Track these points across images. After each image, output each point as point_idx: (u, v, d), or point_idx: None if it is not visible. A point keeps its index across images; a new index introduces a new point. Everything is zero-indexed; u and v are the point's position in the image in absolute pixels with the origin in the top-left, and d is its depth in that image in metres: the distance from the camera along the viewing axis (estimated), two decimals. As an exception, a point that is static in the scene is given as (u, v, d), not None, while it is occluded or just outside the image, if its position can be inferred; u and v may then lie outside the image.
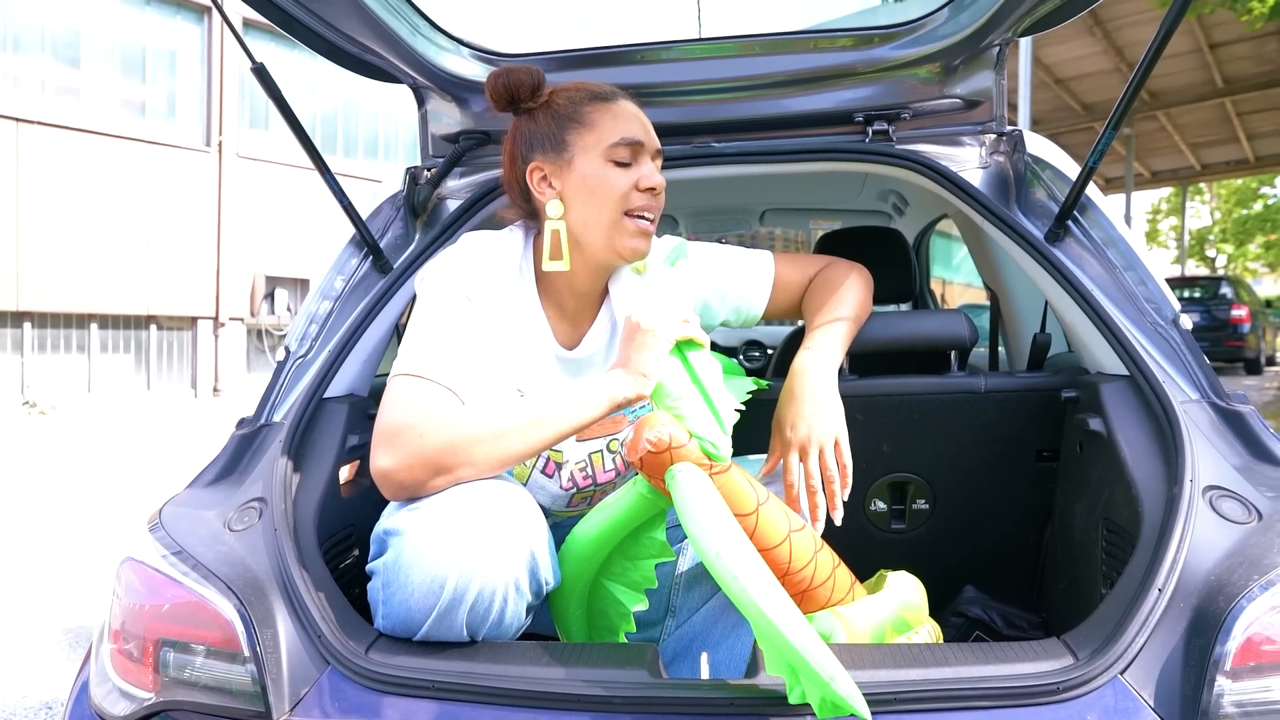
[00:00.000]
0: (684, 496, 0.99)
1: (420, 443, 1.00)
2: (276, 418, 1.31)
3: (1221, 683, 0.84)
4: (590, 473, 1.27)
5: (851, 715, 0.82)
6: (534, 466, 1.23)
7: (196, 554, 1.06)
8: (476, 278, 1.16)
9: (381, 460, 1.01)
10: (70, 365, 11.23)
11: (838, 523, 1.21)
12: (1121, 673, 0.87)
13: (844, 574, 1.14)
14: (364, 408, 1.42)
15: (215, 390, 12.51)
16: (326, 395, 1.35)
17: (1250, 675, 0.84)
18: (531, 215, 1.25)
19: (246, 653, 0.97)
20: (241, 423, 1.35)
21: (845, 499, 1.21)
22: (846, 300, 1.36)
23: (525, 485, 1.23)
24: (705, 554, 0.91)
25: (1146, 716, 0.84)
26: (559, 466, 1.24)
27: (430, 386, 1.06)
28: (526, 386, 1.22)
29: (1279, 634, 0.86)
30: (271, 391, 1.36)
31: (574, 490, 1.27)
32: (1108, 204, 1.40)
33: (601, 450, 1.28)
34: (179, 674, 1.00)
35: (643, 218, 1.20)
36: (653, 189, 1.20)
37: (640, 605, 1.12)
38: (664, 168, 1.61)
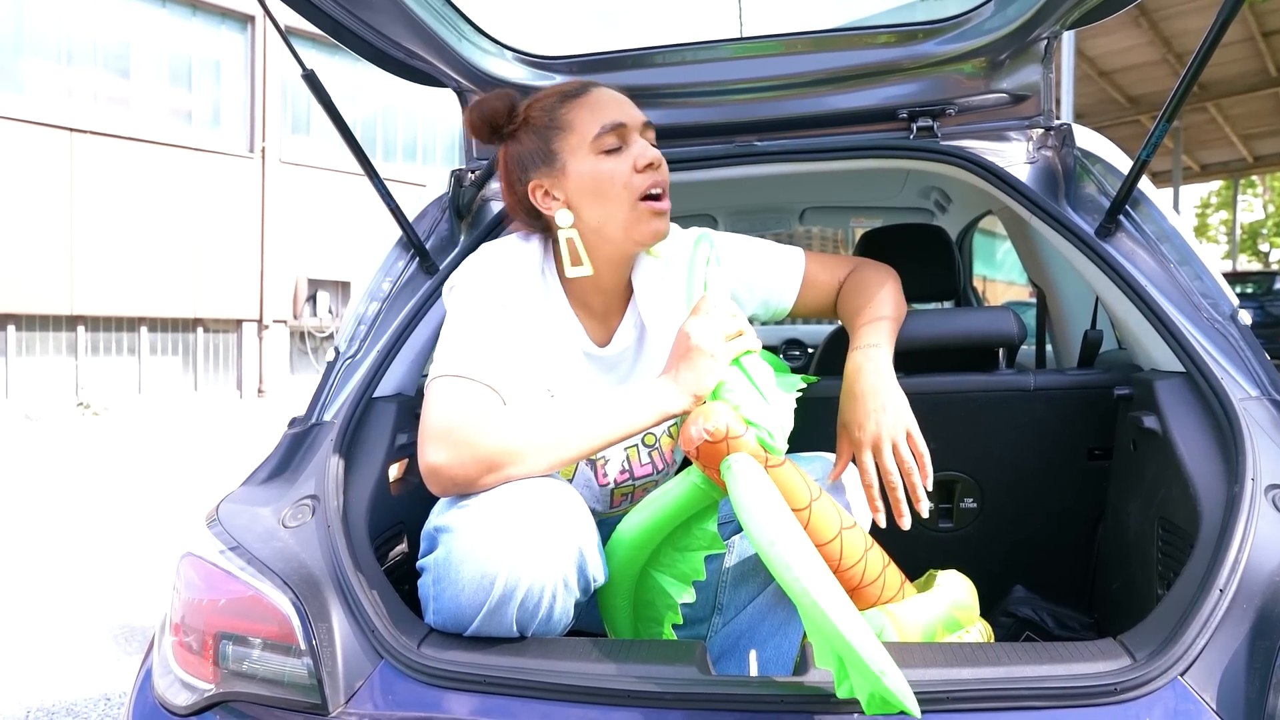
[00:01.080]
0: (739, 486, 0.98)
1: (473, 440, 1.01)
2: (327, 417, 1.34)
3: (1288, 687, 0.82)
4: (628, 467, 1.28)
5: (901, 713, 0.82)
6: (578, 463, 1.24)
7: (253, 549, 1.09)
8: (505, 282, 1.18)
9: (432, 456, 1.02)
10: (121, 367, 11.55)
11: (924, 515, 1.16)
12: (1182, 674, 0.85)
13: (894, 573, 1.14)
14: (412, 407, 1.45)
15: (260, 391, 12.77)
16: (375, 395, 1.37)
17: None
18: (546, 230, 1.27)
19: (303, 646, 0.99)
20: (293, 422, 1.38)
21: (929, 488, 1.16)
22: (886, 300, 1.34)
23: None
24: (760, 543, 0.91)
25: (1208, 719, 0.83)
26: (594, 464, 1.25)
27: (473, 385, 1.08)
28: (558, 386, 1.23)
29: (1348, 637, 0.83)
30: (322, 391, 1.39)
31: (612, 486, 1.28)
32: (1160, 197, 1.37)
33: (637, 445, 1.29)
34: (238, 666, 1.02)
35: (653, 197, 1.19)
36: (651, 164, 1.18)
37: (688, 597, 1.12)
38: (704, 167, 1.62)
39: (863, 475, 1.19)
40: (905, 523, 1.13)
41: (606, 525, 1.42)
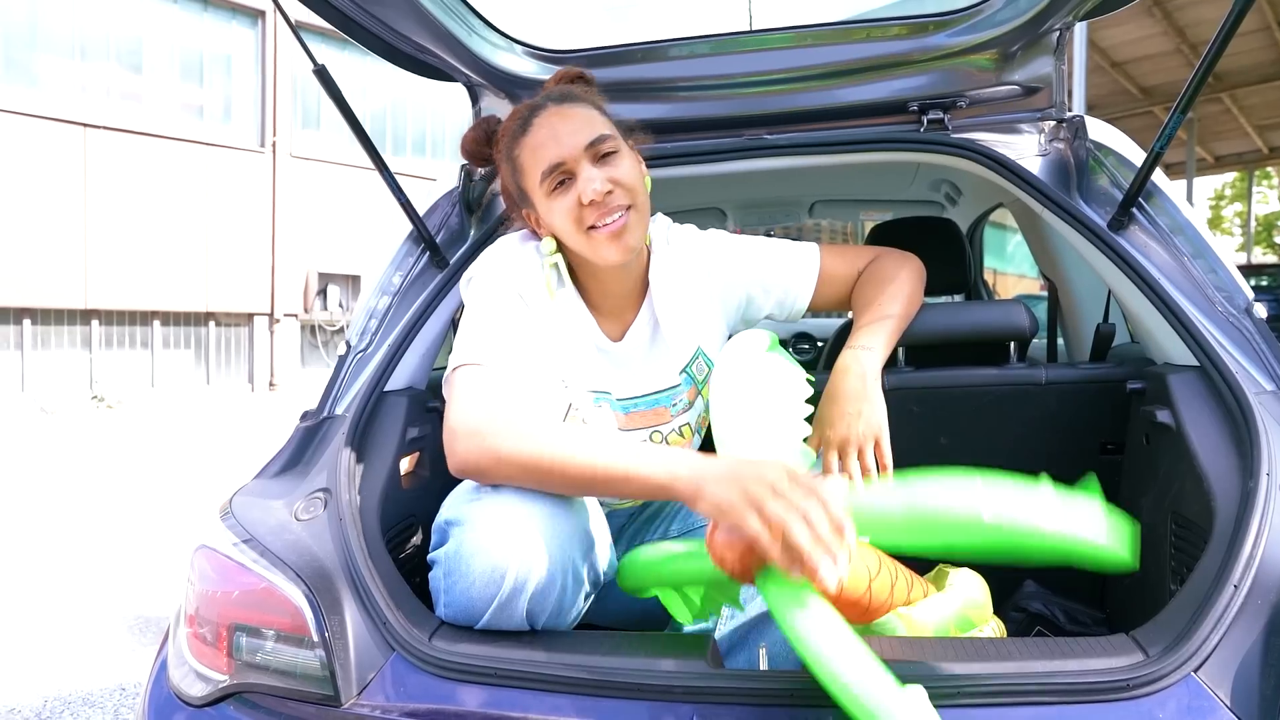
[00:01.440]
0: (788, 613, 0.85)
1: (500, 448, 1.01)
2: (339, 410, 1.34)
3: (1302, 682, 0.81)
4: None
5: None
6: None
7: (266, 542, 1.09)
8: (521, 275, 1.20)
9: (462, 451, 1.02)
10: (134, 361, 11.63)
11: None
12: (1195, 670, 0.85)
13: (903, 585, 1.12)
14: (423, 400, 1.45)
15: (271, 385, 12.84)
16: (387, 388, 1.37)
17: None
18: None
19: (315, 638, 1.00)
20: (305, 415, 1.39)
21: None
22: (896, 295, 1.33)
23: None
24: (825, 678, 0.80)
25: (1223, 716, 0.82)
26: None
27: (496, 377, 1.09)
28: (571, 379, 1.24)
29: (1363, 633, 0.83)
30: (334, 385, 1.39)
31: None
32: (1174, 190, 1.36)
33: (646, 440, 1.29)
34: (251, 657, 1.03)
35: (600, 227, 1.19)
36: (593, 201, 1.17)
37: (698, 625, 1.11)
38: (713, 161, 1.61)
39: (824, 472, 1.21)
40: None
41: (616, 517, 1.42)
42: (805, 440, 1.12)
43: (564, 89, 1.30)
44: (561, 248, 1.27)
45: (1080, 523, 0.83)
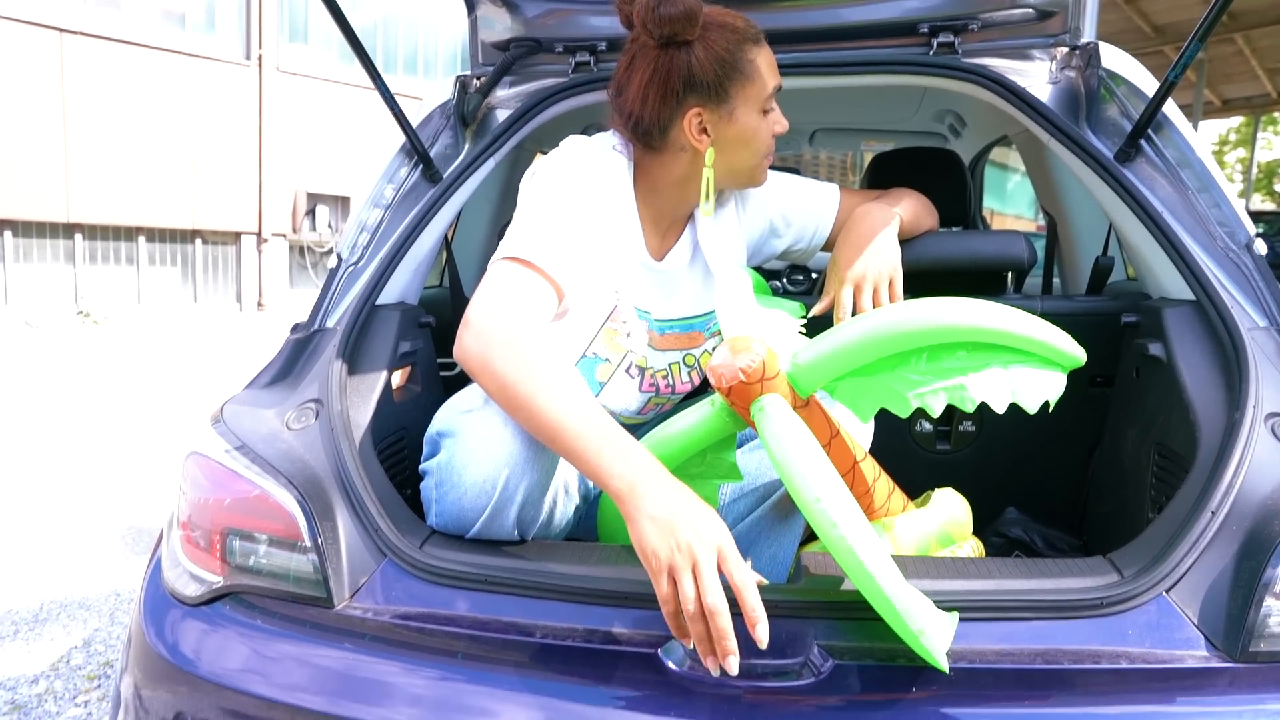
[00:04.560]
0: (778, 437, 0.93)
1: (492, 359, 0.98)
2: (330, 323, 1.34)
3: (1270, 604, 0.84)
4: (671, 381, 1.30)
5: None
6: (619, 365, 1.25)
7: (258, 449, 1.10)
8: (588, 179, 1.17)
9: (467, 343, 1.00)
10: (120, 277, 11.51)
11: None
12: (1167, 591, 0.87)
13: (898, 497, 1.15)
14: (415, 316, 1.44)
15: (259, 305, 12.76)
16: (378, 303, 1.36)
17: None
18: (645, 141, 1.22)
19: (308, 543, 1.01)
20: (296, 328, 1.38)
21: None
22: (911, 196, 1.42)
23: (607, 382, 1.25)
24: (804, 499, 0.88)
25: (1189, 633, 0.85)
26: (642, 371, 1.26)
27: (535, 280, 1.06)
28: (620, 287, 1.23)
29: (1334, 560, 0.85)
30: (324, 297, 1.38)
31: (652, 395, 1.29)
32: (1185, 123, 1.33)
33: (679, 362, 1.30)
34: (244, 561, 1.05)
35: (769, 156, 1.25)
36: (784, 131, 1.24)
37: None
38: None
39: (837, 310, 1.26)
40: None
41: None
42: (820, 286, 1.21)
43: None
44: (639, 160, 1.24)
45: (1044, 327, 0.97)
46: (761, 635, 0.81)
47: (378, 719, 0.89)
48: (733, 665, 0.81)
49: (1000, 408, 0.94)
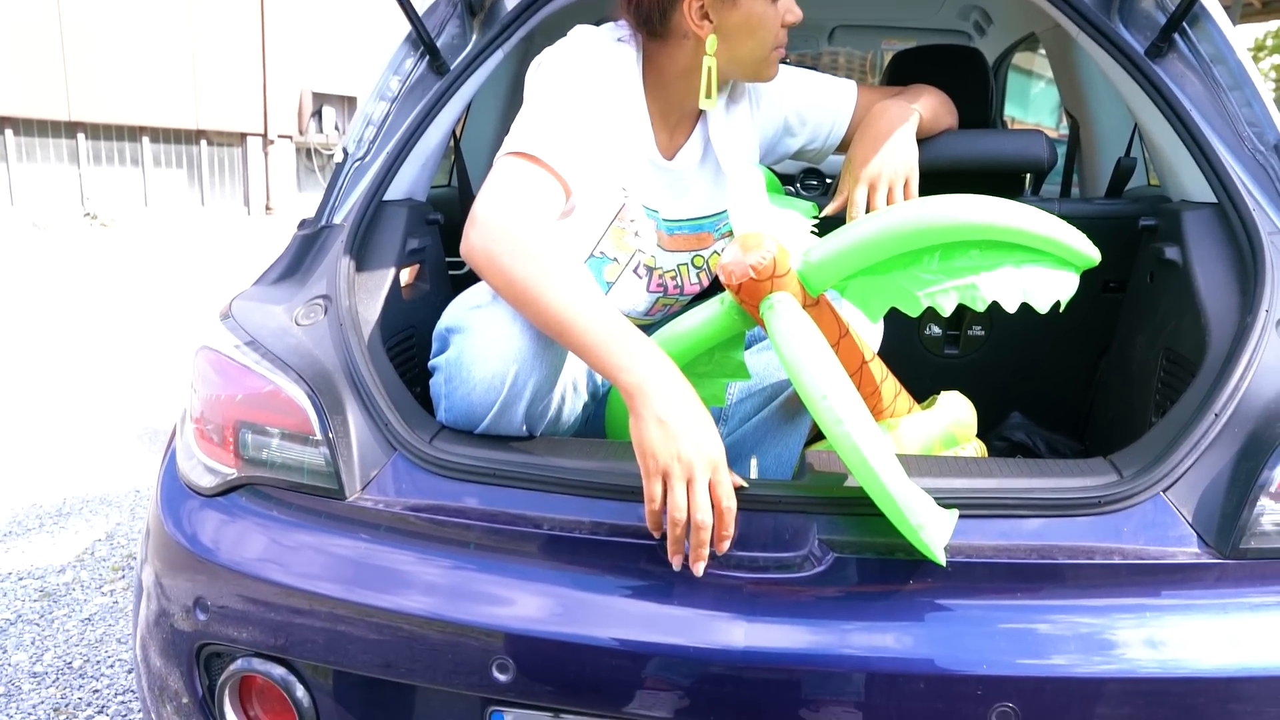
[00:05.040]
0: (788, 335, 0.94)
1: (499, 254, 0.97)
2: (337, 220, 1.32)
3: (1264, 503, 0.85)
4: (679, 282, 1.29)
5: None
6: (627, 265, 1.24)
7: (267, 344, 1.11)
8: (595, 71, 1.13)
9: (473, 239, 1.00)
10: (126, 178, 11.37)
11: None
12: (1165, 490, 0.88)
13: (904, 399, 1.16)
14: (423, 212, 1.43)
15: (268, 209, 12.64)
16: (386, 198, 1.35)
17: None
18: (652, 34, 1.18)
19: (319, 436, 1.03)
20: (303, 224, 1.37)
21: None
22: (924, 94, 1.37)
23: (615, 282, 1.25)
24: (810, 395, 0.88)
25: (1183, 530, 0.86)
26: (650, 271, 1.25)
27: (541, 176, 1.04)
28: (628, 185, 1.21)
29: (1333, 463, 0.85)
30: (331, 193, 1.36)
31: (660, 295, 1.28)
32: (1223, 15, 1.27)
33: (687, 264, 1.29)
34: (257, 454, 1.07)
35: (779, 48, 1.20)
36: (796, 21, 1.19)
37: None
38: None
39: (850, 208, 1.24)
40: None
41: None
42: (834, 188, 1.21)
43: None
44: (645, 51, 1.20)
45: (1059, 225, 0.96)
46: (722, 549, 0.87)
47: (390, 606, 0.92)
48: (701, 570, 0.87)
49: (1011, 307, 0.93)
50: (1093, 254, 0.96)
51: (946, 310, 0.95)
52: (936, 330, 1.51)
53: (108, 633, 1.99)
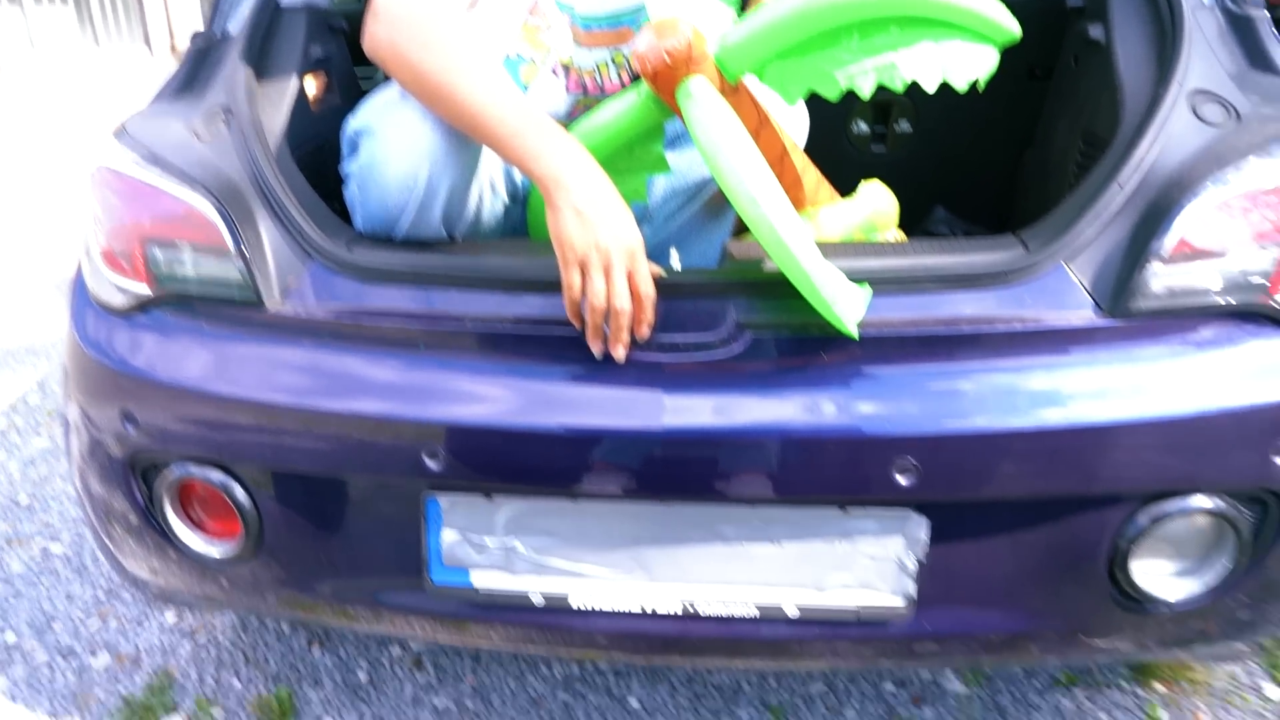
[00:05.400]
0: (704, 119, 0.92)
1: (407, 49, 0.94)
2: (232, 29, 1.24)
3: (1154, 266, 0.89)
4: (600, 81, 1.24)
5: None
6: (544, 65, 1.18)
7: (168, 158, 1.05)
8: None
9: (376, 33, 0.96)
10: (3, 18, 10.32)
11: None
12: (1067, 261, 0.92)
13: (826, 190, 1.16)
14: (324, 19, 1.34)
15: (173, 49, 11.66)
16: (283, 4, 1.26)
17: (1181, 261, 0.89)
18: None
19: (232, 250, 1.00)
20: (195, 37, 1.28)
21: None
22: None
23: (531, 84, 1.19)
24: (726, 179, 0.89)
25: (1079, 296, 0.91)
26: (566, 69, 1.20)
27: None
28: None
29: (1216, 226, 0.89)
30: (222, 1, 1.27)
31: (580, 95, 1.23)
32: None
33: (607, 61, 1.23)
34: (170, 270, 1.04)
35: None
36: None
37: None
38: None
39: None
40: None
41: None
42: None
43: None
44: None
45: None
46: (642, 335, 0.90)
47: (310, 406, 0.94)
48: (622, 354, 0.90)
49: (931, 86, 0.92)
50: (1013, 27, 0.94)
51: (865, 92, 0.93)
52: (864, 128, 1.50)
53: (51, 471, 1.99)
